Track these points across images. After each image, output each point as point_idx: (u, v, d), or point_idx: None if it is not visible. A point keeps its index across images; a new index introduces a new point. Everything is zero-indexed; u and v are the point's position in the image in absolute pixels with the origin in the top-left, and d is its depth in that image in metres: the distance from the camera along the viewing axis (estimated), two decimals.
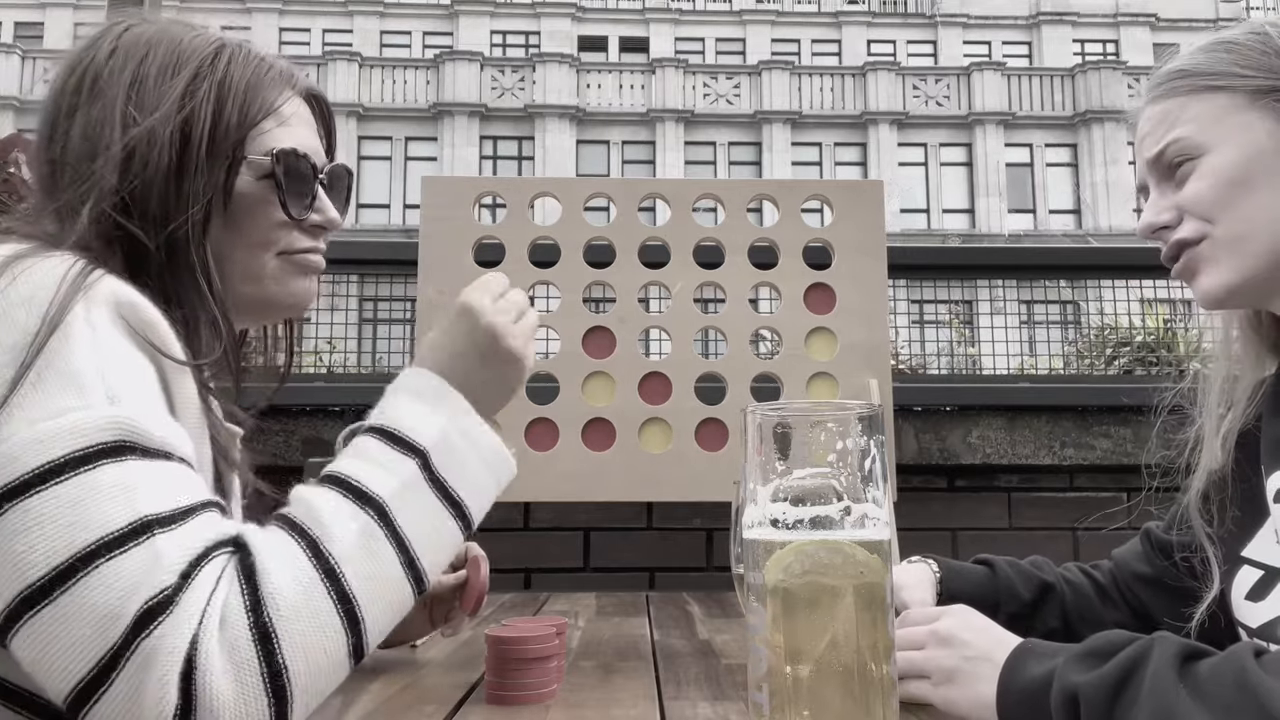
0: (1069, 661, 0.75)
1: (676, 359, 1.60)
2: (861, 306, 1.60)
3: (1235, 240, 0.95)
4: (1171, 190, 1.00)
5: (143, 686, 0.62)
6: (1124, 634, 0.76)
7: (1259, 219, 0.94)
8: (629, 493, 1.58)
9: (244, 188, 0.91)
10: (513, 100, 24.19)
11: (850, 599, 0.66)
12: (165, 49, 0.89)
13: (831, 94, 24.72)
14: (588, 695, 0.91)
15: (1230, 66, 0.97)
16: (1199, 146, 0.97)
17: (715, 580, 2.00)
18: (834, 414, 0.68)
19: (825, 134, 24.59)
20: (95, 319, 0.73)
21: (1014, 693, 0.78)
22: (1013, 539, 2.20)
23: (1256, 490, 0.99)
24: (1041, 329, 3.53)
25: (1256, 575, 0.96)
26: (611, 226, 1.64)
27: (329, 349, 2.98)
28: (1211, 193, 0.96)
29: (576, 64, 24.61)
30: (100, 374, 0.70)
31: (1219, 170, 0.96)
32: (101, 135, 0.85)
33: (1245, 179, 0.95)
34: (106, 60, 0.88)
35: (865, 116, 24.42)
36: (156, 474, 0.70)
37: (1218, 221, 0.96)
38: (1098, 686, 0.71)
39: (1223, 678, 0.67)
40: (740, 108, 24.51)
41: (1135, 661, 0.71)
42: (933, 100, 24.68)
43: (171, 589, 0.65)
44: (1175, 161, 0.99)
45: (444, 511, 0.80)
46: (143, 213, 0.85)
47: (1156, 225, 1.01)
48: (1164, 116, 1.00)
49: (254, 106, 0.91)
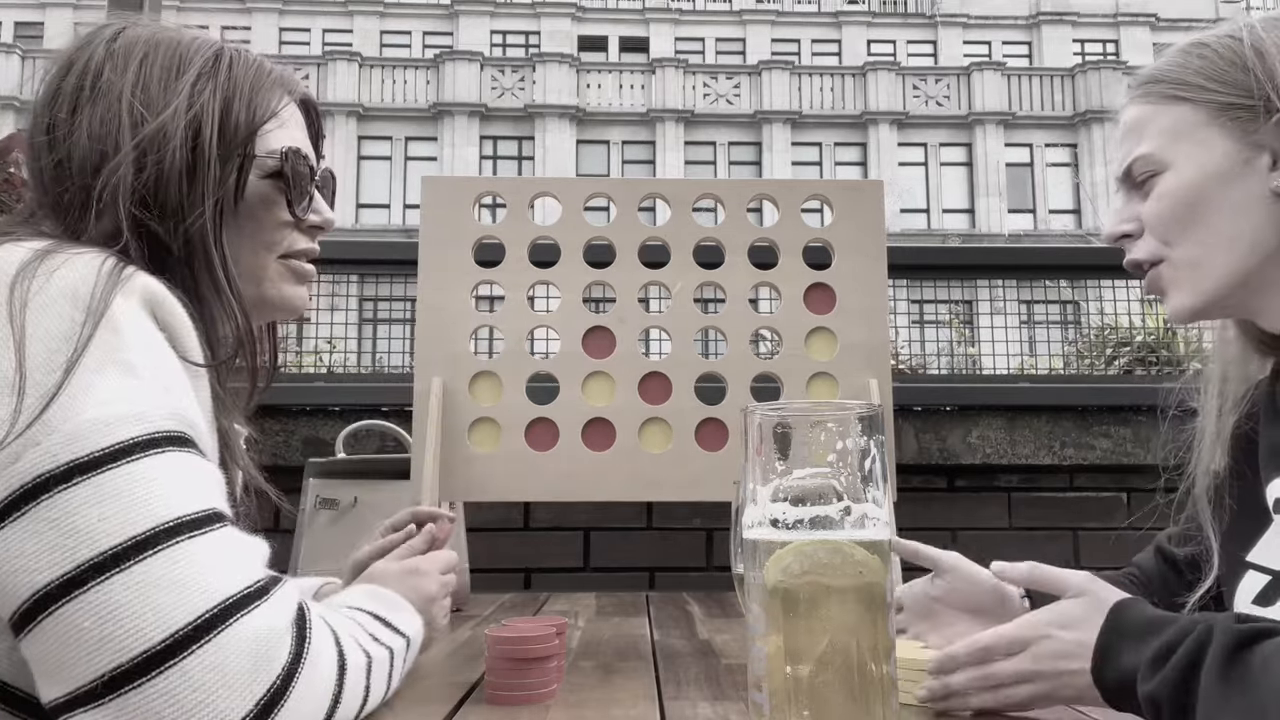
0: (1146, 665, 0.74)
1: (676, 359, 1.60)
2: (861, 306, 1.60)
3: (1192, 265, 0.96)
4: (1138, 199, 1.00)
5: (239, 659, 0.65)
6: (1187, 621, 0.75)
7: (1211, 243, 0.94)
8: (629, 493, 1.58)
9: (252, 187, 0.93)
10: (513, 100, 24.18)
11: (850, 599, 0.66)
12: (166, 50, 0.90)
13: (831, 94, 24.72)
14: (588, 695, 0.91)
15: (1196, 77, 0.96)
16: (1160, 163, 0.97)
17: (715, 580, 2.00)
18: (834, 414, 0.68)
19: (825, 134, 24.58)
20: (132, 313, 0.74)
21: (1110, 685, 0.78)
22: (1013, 539, 2.20)
23: (1257, 495, 0.99)
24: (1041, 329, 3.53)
25: (1264, 580, 0.95)
26: (611, 226, 1.64)
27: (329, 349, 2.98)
28: (1168, 214, 0.96)
29: (576, 64, 24.60)
30: (154, 366, 0.73)
31: (1175, 192, 0.96)
32: (110, 135, 0.85)
33: (1199, 201, 0.95)
34: (105, 61, 0.88)
35: (865, 116, 24.42)
36: (210, 472, 0.74)
37: (1174, 244, 0.97)
38: (1169, 694, 0.71)
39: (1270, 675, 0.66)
40: (740, 108, 24.51)
41: (1193, 661, 0.71)
42: (933, 100, 24.67)
43: (267, 582, 0.70)
44: (1140, 176, 0.99)
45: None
46: (160, 211, 0.85)
47: (1117, 234, 1.02)
48: (1134, 125, 1.00)
49: (260, 108, 0.93)
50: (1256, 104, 0.92)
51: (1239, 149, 0.94)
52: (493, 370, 1.56)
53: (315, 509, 1.64)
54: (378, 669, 0.82)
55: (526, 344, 1.60)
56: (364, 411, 2.07)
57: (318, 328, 2.81)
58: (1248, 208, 0.93)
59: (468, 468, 1.52)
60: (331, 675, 0.73)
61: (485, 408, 1.54)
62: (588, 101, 24.42)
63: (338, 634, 0.77)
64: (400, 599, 0.98)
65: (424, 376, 1.53)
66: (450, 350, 1.55)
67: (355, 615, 0.87)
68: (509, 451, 1.52)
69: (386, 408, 2.11)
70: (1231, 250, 0.94)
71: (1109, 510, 2.22)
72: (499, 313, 1.61)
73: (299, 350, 2.91)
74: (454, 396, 1.53)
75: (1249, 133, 0.93)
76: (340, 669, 0.74)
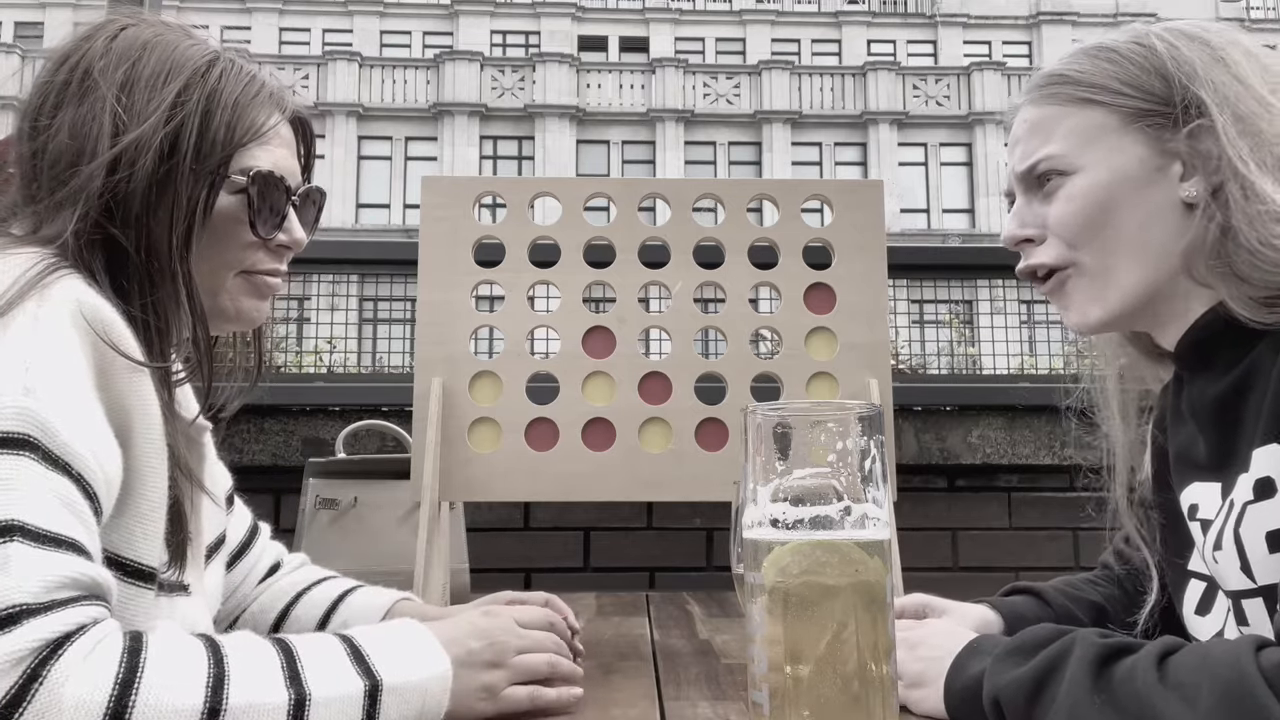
0: (997, 660, 0.78)
1: (676, 359, 1.60)
2: (861, 306, 1.60)
3: (1103, 271, 0.95)
4: (1038, 202, 0.98)
5: None
6: (1049, 630, 0.79)
7: (1122, 249, 0.93)
8: (629, 493, 1.57)
9: (221, 203, 0.91)
10: (513, 100, 24.18)
11: (849, 598, 0.66)
12: (159, 54, 0.89)
13: (831, 94, 24.71)
14: (588, 695, 0.91)
15: (1110, 80, 0.95)
16: (1070, 165, 0.95)
17: (715, 580, 2.00)
18: (834, 414, 0.68)
19: (825, 134, 24.58)
20: (44, 316, 0.73)
21: (956, 691, 0.81)
22: (1013, 539, 2.20)
23: (1176, 503, 0.99)
24: (1041, 329, 3.53)
25: (1201, 588, 0.95)
26: (611, 226, 1.64)
27: (329, 349, 2.98)
28: (1078, 217, 0.95)
29: (576, 64, 24.60)
30: (25, 366, 0.71)
31: (1086, 194, 0.94)
32: (89, 136, 0.85)
33: (1111, 205, 0.93)
34: (99, 58, 0.88)
35: (865, 116, 24.41)
36: (46, 484, 0.69)
37: (1081, 248, 0.95)
38: (1018, 689, 0.74)
39: (1129, 686, 0.70)
40: (740, 108, 24.50)
41: (1054, 663, 0.74)
42: (933, 100, 24.67)
43: (21, 610, 0.63)
44: (1044, 175, 0.97)
45: None
46: (124, 218, 0.85)
47: (1019, 238, 1.00)
48: (1039, 125, 0.98)
49: (241, 127, 0.91)
50: (1172, 112, 0.92)
51: (1152, 156, 0.93)
52: (493, 370, 1.56)
53: (315, 509, 1.64)
54: (261, 714, 0.69)
55: (526, 344, 1.59)
56: (364, 411, 2.07)
57: (318, 328, 2.81)
58: (1159, 215, 0.92)
59: (468, 468, 1.52)
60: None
61: (485, 408, 1.54)
62: (588, 101, 24.41)
63: (158, 678, 0.66)
64: (424, 636, 0.82)
65: (424, 376, 1.53)
66: (450, 350, 1.55)
67: (307, 645, 0.76)
68: (509, 451, 1.52)
69: (386, 408, 2.11)
70: (1141, 258, 0.93)
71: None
72: (499, 313, 1.60)
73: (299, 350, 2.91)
74: (454, 396, 1.53)
75: (1163, 140, 0.92)
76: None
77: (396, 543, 1.54)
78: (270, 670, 0.72)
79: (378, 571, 1.28)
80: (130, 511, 0.80)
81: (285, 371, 2.56)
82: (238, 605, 1.15)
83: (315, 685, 0.72)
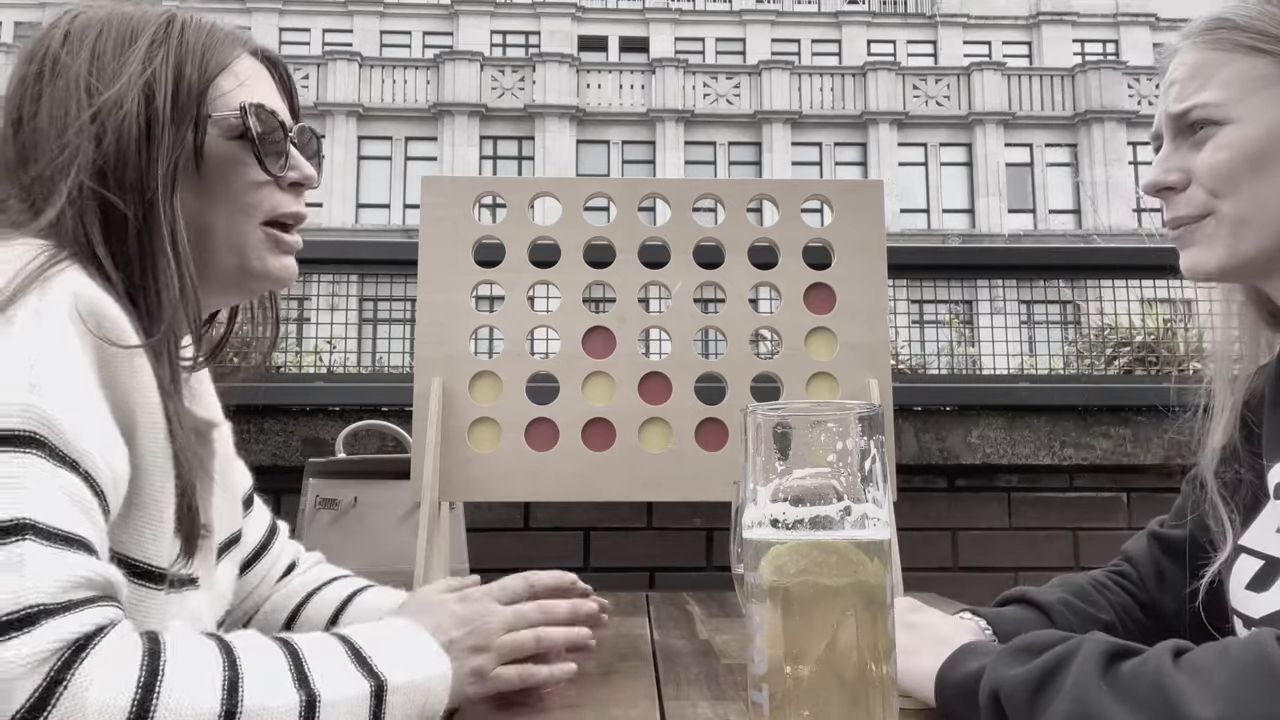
0: (1000, 657, 0.77)
1: (676, 359, 1.60)
2: (861, 306, 1.60)
3: (1239, 221, 0.92)
4: (1186, 149, 0.96)
5: None
6: (1056, 633, 0.78)
7: (1264, 202, 0.91)
8: (629, 493, 1.57)
9: (216, 149, 0.91)
10: (513, 100, 24.18)
11: (848, 598, 0.66)
12: (118, 25, 0.90)
13: (831, 94, 24.71)
14: (588, 695, 0.91)
15: (1278, 28, 0.91)
16: (1225, 116, 0.92)
17: (715, 580, 2.00)
18: (834, 414, 0.68)
19: (825, 134, 24.58)
20: (46, 309, 0.73)
21: (950, 685, 0.81)
22: (1012, 539, 2.20)
23: (1258, 478, 0.97)
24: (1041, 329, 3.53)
25: (1257, 565, 0.94)
26: (611, 226, 1.64)
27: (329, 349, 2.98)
28: (1226, 167, 0.92)
29: (576, 64, 24.59)
30: (30, 362, 0.70)
31: (1240, 145, 0.91)
32: (68, 109, 0.85)
33: (1263, 158, 0.90)
34: (62, 44, 0.89)
35: (865, 116, 24.41)
36: (55, 481, 0.68)
37: (1225, 197, 0.92)
38: (1021, 683, 0.73)
39: (1142, 677, 0.68)
40: (740, 108, 24.50)
41: (1061, 659, 0.73)
42: (933, 100, 24.66)
43: (40, 611, 0.63)
44: (1197, 123, 0.94)
45: None
46: (119, 182, 0.84)
47: (1163, 185, 0.97)
48: (1198, 69, 0.95)
49: (210, 64, 0.91)
50: None
51: None
52: (493, 370, 1.56)
53: (315, 509, 1.64)
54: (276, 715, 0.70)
55: (526, 344, 1.59)
56: (364, 411, 2.07)
57: (318, 328, 2.81)
58: None
59: (467, 468, 1.52)
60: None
61: (485, 408, 1.54)
62: (588, 101, 24.41)
63: (187, 680, 0.66)
64: (419, 633, 0.84)
65: (424, 376, 1.53)
66: (450, 350, 1.55)
67: (310, 645, 0.77)
68: (509, 451, 1.52)
69: (386, 408, 2.11)
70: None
71: (1109, 510, 2.22)
72: (499, 313, 1.60)
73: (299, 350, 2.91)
74: (454, 396, 1.53)
75: None
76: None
77: (396, 543, 1.54)
78: (280, 672, 0.72)
79: (378, 572, 1.28)
80: (139, 510, 0.79)
81: (285, 371, 2.56)
82: (254, 605, 1.15)
83: (324, 687, 0.73)
